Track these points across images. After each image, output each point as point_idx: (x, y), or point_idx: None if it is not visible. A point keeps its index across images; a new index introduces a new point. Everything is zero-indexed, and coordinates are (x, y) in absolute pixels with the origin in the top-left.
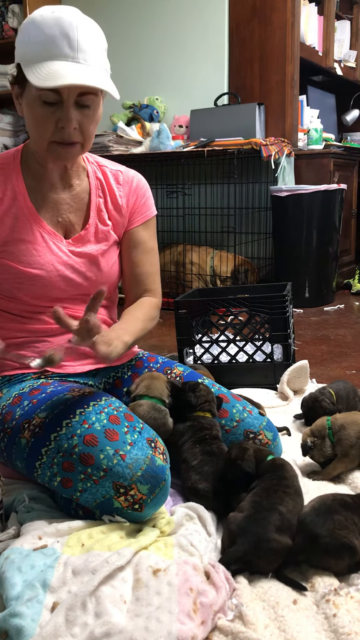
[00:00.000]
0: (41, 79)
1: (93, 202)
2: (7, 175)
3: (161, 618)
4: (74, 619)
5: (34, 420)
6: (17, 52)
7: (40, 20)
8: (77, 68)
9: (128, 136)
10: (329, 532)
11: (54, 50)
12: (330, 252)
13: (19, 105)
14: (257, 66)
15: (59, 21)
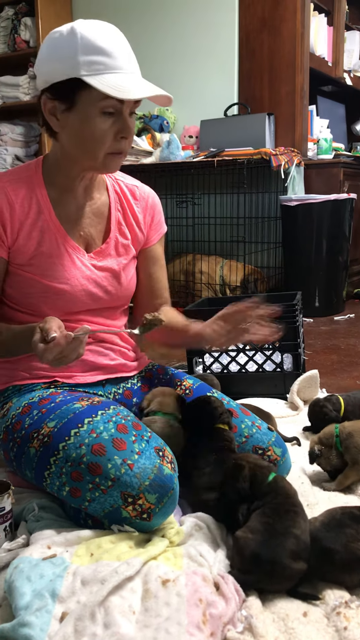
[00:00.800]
0: (117, 90)
1: (113, 215)
2: (31, 189)
3: (170, 629)
4: (82, 629)
5: (43, 430)
6: (63, 66)
7: (92, 34)
8: (137, 79)
9: (138, 146)
10: (342, 546)
11: (114, 63)
12: (340, 262)
13: (55, 120)
14: (267, 76)
15: (110, 34)
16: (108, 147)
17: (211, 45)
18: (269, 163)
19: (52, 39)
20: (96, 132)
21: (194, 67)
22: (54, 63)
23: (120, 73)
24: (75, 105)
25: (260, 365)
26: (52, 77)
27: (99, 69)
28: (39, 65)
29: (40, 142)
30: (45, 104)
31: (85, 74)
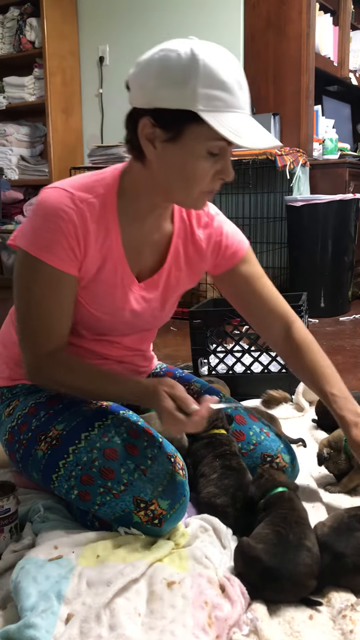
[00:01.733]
0: (237, 136)
1: (173, 245)
2: (104, 209)
3: (175, 631)
4: (88, 631)
5: (51, 432)
6: (177, 94)
7: (214, 64)
8: (252, 122)
9: None
10: (354, 550)
11: (234, 101)
12: (345, 262)
13: (152, 148)
14: (272, 76)
15: (231, 67)
16: (206, 186)
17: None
18: (274, 163)
19: (168, 59)
20: (198, 171)
21: None
22: (167, 87)
23: (238, 113)
24: (181, 138)
25: (266, 366)
26: (161, 101)
27: (218, 105)
28: (144, 81)
29: (46, 143)
30: (144, 128)
31: (203, 109)
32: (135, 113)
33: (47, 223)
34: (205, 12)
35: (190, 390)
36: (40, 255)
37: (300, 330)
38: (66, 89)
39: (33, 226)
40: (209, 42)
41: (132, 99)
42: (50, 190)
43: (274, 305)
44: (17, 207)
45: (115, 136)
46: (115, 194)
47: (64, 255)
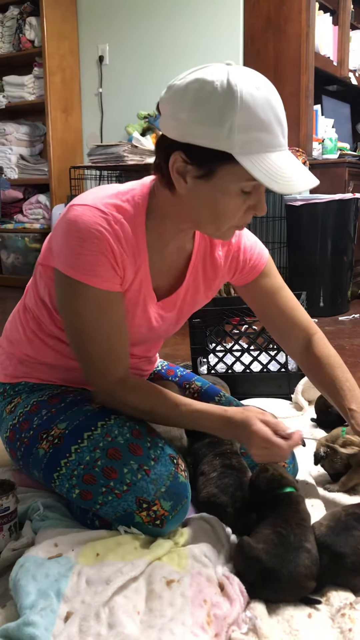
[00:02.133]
0: (275, 182)
1: (192, 264)
2: (134, 229)
3: (174, 630)
4: (87, 629)
5: (53, 431)
6: (212, 133)
7: (252, 102)
8: (292, 159)
9: (143, 146)
10: (353, 549)
11: (272, 140)
12: (345, 262)
13: (182, 182)
14: (272, 76)
15: (270, 102)
16: (236, 221)
17: (216, 44)
18: None
19: (204, 92)
20: (229, 209)
21: None
22: (202, 125)
23: (276, 152)
24: (214, 176)
25: (265, 365)
26: (195, 138)
27: (255, 147)
28: (177, 112)
29: (45, 142)
30: (175, 162)
31: (239, 152)
32: (167, 142)
33: (86, 244)
34: (205, 11)
35: (191, 389)
36: (86, 280)
37: (320, 343)
38: (66, 88)
39: (71, 249)
40: (246, 69)
41: (163, 125)
42: (82, 208)
43: (294, 317)
44: (16, 206)
45: (114, 135)
46: (144, 215)
47: (108, 276)
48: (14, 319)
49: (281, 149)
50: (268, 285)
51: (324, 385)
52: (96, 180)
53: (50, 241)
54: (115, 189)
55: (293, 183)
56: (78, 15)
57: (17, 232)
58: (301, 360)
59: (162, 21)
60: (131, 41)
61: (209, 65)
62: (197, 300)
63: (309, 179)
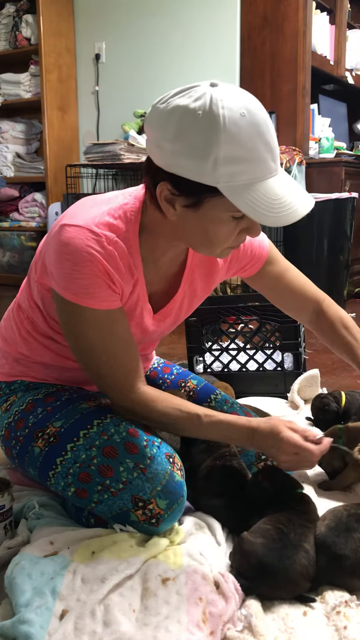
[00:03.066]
0: (265, 215)
1: (187, 271)
2: (129, 248)
3: (170, 628)
4: (82, 627)
5: (48, 429)
6: (197, 166)
7: (236, 132)
8: (283, 183)
9: (139, 144)
10: (352, 552)
11: (261, 169)
12: (341, 261)
13: (172, 210)
14: (269, 75)
15: (258, 128)
16: (229, 243)
17: (212, 43)
18: None
19: (187, 122)
20: (221, 234)
21: (196, 65)
22: (185, 157)
23: (266, 179)
24: (202, 206)
25: (261, 364)
26: (180, 169)
27: (242, 179)
28: (160, 140)
29: (41, 140)
30: (162, 192)
31: (225, 186)
32: (153, 167)
33: (80, 267)
34: (202, 9)
35: (187, 387)
36: (84, 302)
37: (330, 308)
38: (62, 86)
39: (65, 273)
40: (232, 92)
41: (148, 149)
42: (74, 230)
43: (304, 291)
44: (12, 204)
45: (111, 134)
46: (137, 231)
47: (105, 296)
48: (9, 318)
49: (271, 175)
50: (274, 271)
51: (338, 343)
52: (92, 178)
53: (43, 257)
54: (107, 204)
55: (284, 214)
56: (75, 13)
57: (13, 230)
58: (315, 326)
59: (159, 19)
60: (128, 39)
61: (193, 88)
62: (194, 303)
63: (304, 203)
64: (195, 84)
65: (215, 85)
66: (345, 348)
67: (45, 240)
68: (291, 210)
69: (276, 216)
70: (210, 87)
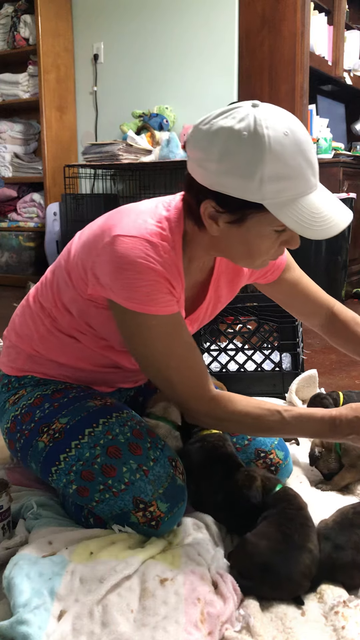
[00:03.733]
0: (309, 229)
1: (215, 278)
2: (176, 257)
3: (168, 628)
4: (80, 627)
5: (54, 425)
6: (243, 185)
7: (281, 151)
8: (323, 197)
9: (138, 145)
10: (354, 545)
11: (303, 185)
12: (339, 261)
13: (215, 226)
14: (267, 75)
15: (300, 146)
16: (269, 256)
17: (211, 43)
18: None
19: (233, 143)
20: (263, 248)
21: (194, 66)
22: (230, 176)
23: (308, 194)
24: (246, 222)
25: (259, 364)
26: (225, 188)
27: (286, 195)
28: (205, 161)
29: (39, 140)
30: (206, 209)
31: (270, 202)
32: (196, 186)
33: (141, 276)
34: (201, 9)
35: None
36: (148, 310)
37: (342, 311)
38: (60, 87)
39: (126, 283)
40: (274, 111)
41: (191, 169)
42: (130, 241)
43: (318, 296)
44: (10, 204)
45: (109, 134)
46: (181, 240)
47: (166, 300)
48: (24, 314)
49: (312, 190)
50: (291, 277)
51: (352, 341)
52: (90, 178)
53: (92, 269)
54: (150, 214)
55: (326, 228)
56: (73, 13)
57: (11, 230)
58: (327, 330)
59: (157, 20)
60: (126, 40)
61: (236, 109)
62: (217, 308)
63: (343, 216)
64: (236, 104)
65: (257, 106)
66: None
67: (88, 251)
68: (332, 224)
69: (319, 229)
70: (252, 107)
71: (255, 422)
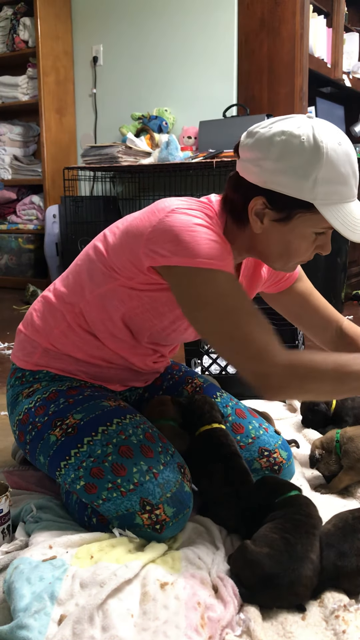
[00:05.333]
0: (352, 232)
1: (240, 280)
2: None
3: (168, 632)
4: (81, 632)
5: (68, 420)
6: (296, 184)
7: (335, 157)
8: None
9: (137, 147)
10: (358, 551)
11: (349, 192)
12: (338, 263)
13: (259, 223)
14: (266, 78)
15: (350, 157)
16: (304, 258)
17: (210, 45)
18: None
19: (291, 145)
20: (301, 249)
21: (193, 68)
22: (286, 175)
23: (351, 202)
24: (291, 221)
25: None
26: (278, 186)
27: (334, 199)
28: (261, 160)
29: (39, 143)
30: (255, 206)
31: (320, 203)
32: (246, 184)
33: (204, 233)
34: (200, 12)
35: (194, 383)
36: (216, 265)
37: (351, 326)
38: (60, 89)
39: (191, 241)
40: (326, 124)
41: (242, 169)
42: (188, 212)
43: (325, 313)
44: (10, 207)
45: (108, 136)
46: (222, 234)
47: (230, 261)
48: (43, 310)
49: (354, 199)
50: (303, 288)
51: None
52: (90, 181)
53: (148, 247)
54: (198, 214)
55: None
56: (72, 16)
57: (10, 232)
58: (337, 346)
59: (156, 22)
60: (125, 42)
61: (292, 117)
62: None
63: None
64: (291, 115)
65: (311, 117)
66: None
67: (132, 234)
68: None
69: (358, 234)
70: (308, 118)
71: (336, 367)
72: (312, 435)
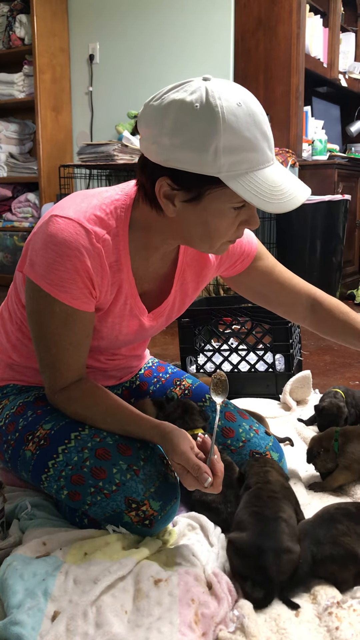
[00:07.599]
0: (267, 202)
1: (179, 270)
2: (116, 244)
3: (162, 629)
4: (74, 628)
5: (38, 432)
6: (197, 158)
7: (235, 121)
8: (280, 171)
9: (133, 145)
10: (332, 539)
11: (260, 157)
12: (334, 263)
13: (171, 206)
14: (262, 77)
15: (254, 118)
16: (228, 237)
17: (207, 45)
18: None
19: (185, 115)
20: (222, 227)
21: (189, 67)
22: (184, 149)
23: (265, 168)
24: (203, 199)
25: (253, 365)
26: (179, 163)
27: (242, 168)
28: (157, 136)
29: (35, 140)
30: (161, 188)
31: (226, 175)
32: (150, 165)
33: (63, 261)
34: (196, 11)
35: (182, 386)
36: (55, 293)
37: (325, 298)
38: (56, 87)
39: (47, 261)
40: (226, 84)
41: (143, 148)
42: (64, 222)
43: (294, 286)
44: (5, 204)
45: (104, 134)
46: (127, 228)
47: (79, 294)
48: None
49: (269, 164)
50: (263, 266)
51: (342, 329)
52: (86, 179)
53: (26, 247)
54: (98, 199)
55: (285, 201)
56: (69, 13)
57: (5, 230)
58: (311, 319)
59: (153, 20)
60: (122, 40)
61: (187, 83)
62: (186, 303)
63: (301, 191)
64: (187, 80)
65: (208, 79)
66: (352, 332)
67: (33, 232)
68: (291, 197)
69: (278, 203)
70: (204, 81)
71: (91, 420)
72: (309, 433)
